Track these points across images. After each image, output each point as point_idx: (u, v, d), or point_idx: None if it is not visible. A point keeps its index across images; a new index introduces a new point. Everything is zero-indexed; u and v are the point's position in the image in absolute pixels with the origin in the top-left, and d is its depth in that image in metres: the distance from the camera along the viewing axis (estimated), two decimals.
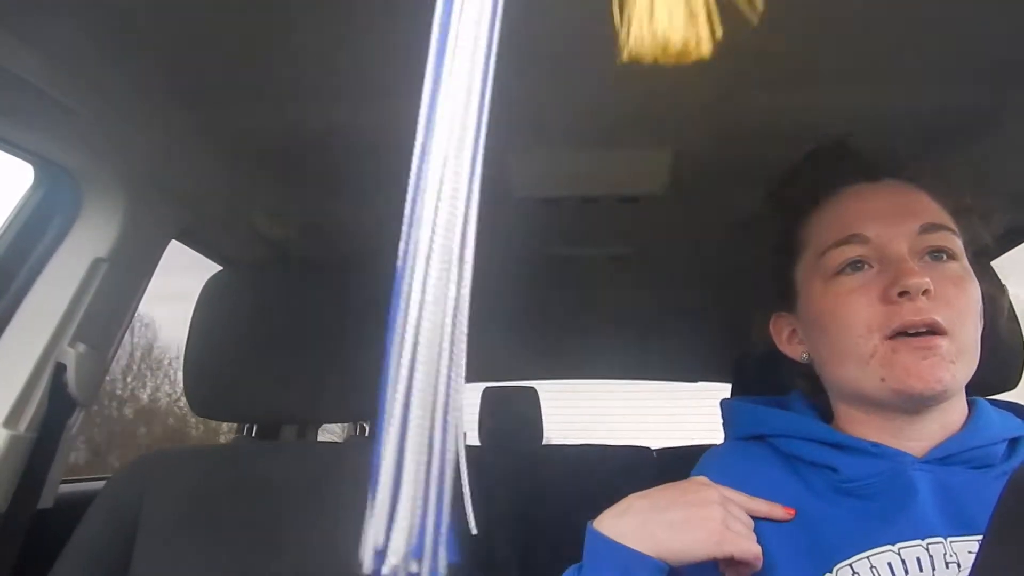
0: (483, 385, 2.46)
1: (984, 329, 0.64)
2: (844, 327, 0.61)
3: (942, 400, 0.60)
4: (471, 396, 2.45)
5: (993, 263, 0.79)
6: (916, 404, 0.60)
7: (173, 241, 1.17)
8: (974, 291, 0.62)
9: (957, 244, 0.63)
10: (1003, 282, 0.74)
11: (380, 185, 1.30)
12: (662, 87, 0.88)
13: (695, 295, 1.59)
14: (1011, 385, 0.81)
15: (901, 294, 0.58)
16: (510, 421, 2.29)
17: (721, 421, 0.75)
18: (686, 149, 1.08)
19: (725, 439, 0.74)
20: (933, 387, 0.57)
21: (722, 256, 1.46)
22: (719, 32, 0.21)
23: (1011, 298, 0.78)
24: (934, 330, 0.58)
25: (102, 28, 0.78)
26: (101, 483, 0.98)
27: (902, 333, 0.59)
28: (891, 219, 0.63)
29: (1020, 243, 1.23)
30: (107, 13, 0.76)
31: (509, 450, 2.16)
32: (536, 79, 0.88)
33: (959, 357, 0.59)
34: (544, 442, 2.33)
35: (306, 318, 0.98)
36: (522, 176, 1.17)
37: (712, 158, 1.11)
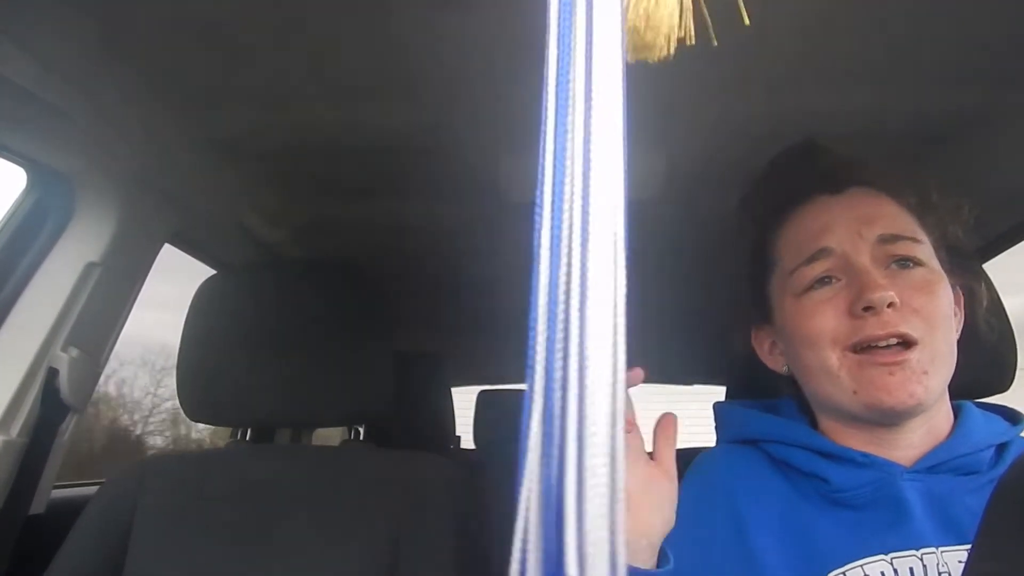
0: (478, 388, 2.46)
1: (965, 323, 0.64)
2: (812, 342, 0.61)
3: (918, 412, 0.60)
4: (467, 399, 2.45)
5: (990, 267, 0.79)
6: (891, 418, 0.60)
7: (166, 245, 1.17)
8: (944, 295, 0.61)
9: (921, 250, 0.62)
10: (981, 272, 0.74)
11: (372, 187, 1.31)
12: (656, 91, 0.88)
13: (690, 298, 1.59)
14: (1005, 386, 0.81)
15: (866, 309, 0.58)
16: (505, 424, 2.28)
17: (713, 425, 0.75)
18: (680, 153, 1.08)
19: (717, 442, 0.74)
20: (905, 401, 0.57)
21: (716, 259, 1.47)
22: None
23: (1007, 308, 0.78)
24: (904, 341, 0.57)
25: (95, 32, 0.78)
26: (94, 488, 0.97)
27: (870, 346, 0.58)
28: (853, 229, 0.63)
29: (1016, 244, 1.23)
30: (100, 17, 0.76)
31: (505, 453, 2.16)
32: (529, 83, 0.87)
33: (932, 366, 0.58)
34: None
35: (300, 321, 0.97)
36: (516, 180, 1.17)
37: (706, 162, 1.12)
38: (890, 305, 0.57)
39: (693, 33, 0.21)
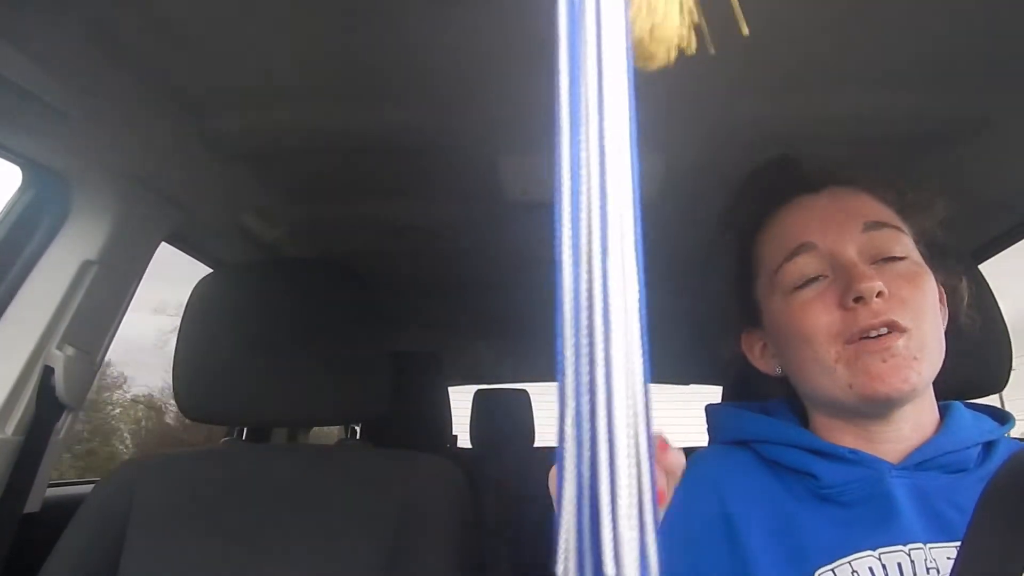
0: (475, 387, 2.46)
1: (948, 322, 0.65)
2: (806, 338, 0.62)
3: (911, 399, 0.61)
4: (463, 399, 2.45)
5: (988, 268, 0.79)
6: (885, 407, 0.61)
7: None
8: (929, 286, 0.62)
9: (904, 241, 0.64)
10: (962, 270, 0.74)
11: (370, 187, 1.31)
12: (654, 93, 0.88)
13: (687, 299, 1.59)
14: (999, 387, 0.82)
15: (856, 300, 0.59)
16: (502, 423, 2.28)
17: (705, 426, 0.76)
18: (678, 155, 1.08)
19: (710, 443, 0.75)
20: (900, 388, 0.58)
21: (713, 261, 1.47)
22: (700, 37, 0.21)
23: (1004, 311, 0.78)
24: (892, 329, 0.59)
25: (92, 32, 0.78)
26: (89, 487, 0.97)
27: (863, 337, 0.59)
28: (835, 223, 0.64)
29: (1012, 245, 1.24)
30: (97, 16, 0.76)
31: (501, 452, 2.16)
32: (527, 83, 0.88)
33: (921, 353, 0.59)
34: (536, 444, 2.33)
35: (297, 320, 0.97)
36: (513, 180, 1.17)
37: (704, 164, 1.12)
38: (879, 295, 0.59)
39: (694, 43, 0.21)
